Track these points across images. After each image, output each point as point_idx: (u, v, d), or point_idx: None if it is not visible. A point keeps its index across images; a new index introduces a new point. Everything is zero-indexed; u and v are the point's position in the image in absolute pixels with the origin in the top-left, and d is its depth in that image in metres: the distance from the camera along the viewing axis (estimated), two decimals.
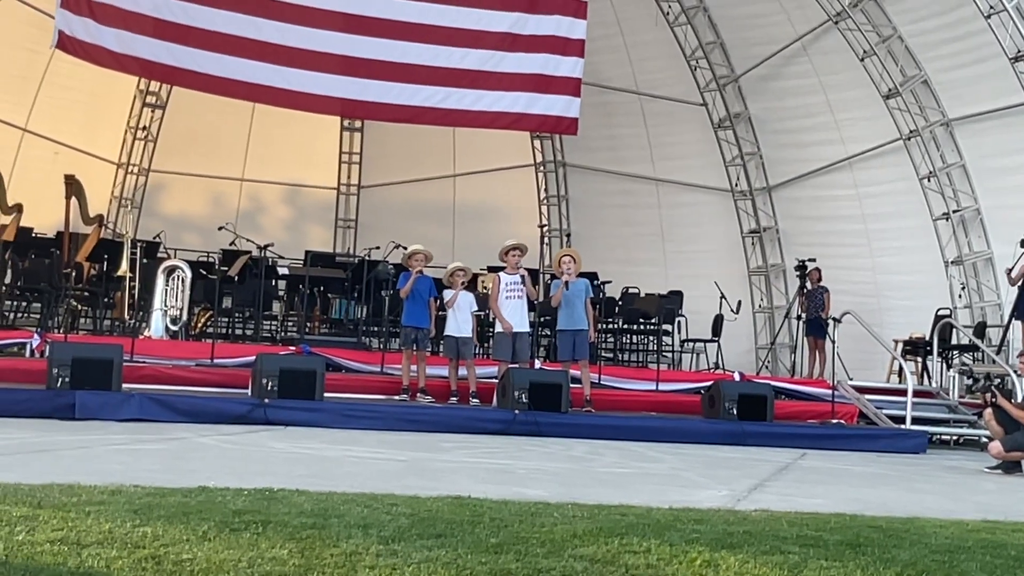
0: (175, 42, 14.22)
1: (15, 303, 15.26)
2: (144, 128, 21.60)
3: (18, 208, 15.27)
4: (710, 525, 5.01)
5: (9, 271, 14.33)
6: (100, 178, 20.49)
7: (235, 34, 14.54)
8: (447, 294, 12.32)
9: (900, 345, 15.79)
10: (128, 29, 13.87)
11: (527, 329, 12.29)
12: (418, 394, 11.89)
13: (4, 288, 14.13)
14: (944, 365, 15.55)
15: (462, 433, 10.36)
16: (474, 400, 11.93)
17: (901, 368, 14.68)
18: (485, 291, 15.33)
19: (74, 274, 14.70)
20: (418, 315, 12.04)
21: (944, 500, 7.48)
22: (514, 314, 12.02)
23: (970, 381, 15.24)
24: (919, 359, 15.98)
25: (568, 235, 21.88)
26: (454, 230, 22.09)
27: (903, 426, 13.04)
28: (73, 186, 15.28)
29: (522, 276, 12.10)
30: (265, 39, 14.68)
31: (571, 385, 11.67)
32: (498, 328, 12.28)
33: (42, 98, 19.17)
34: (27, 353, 11.85)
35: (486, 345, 15.84)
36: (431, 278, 12.47)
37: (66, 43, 13.48)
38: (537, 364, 13.19)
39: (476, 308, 12.49)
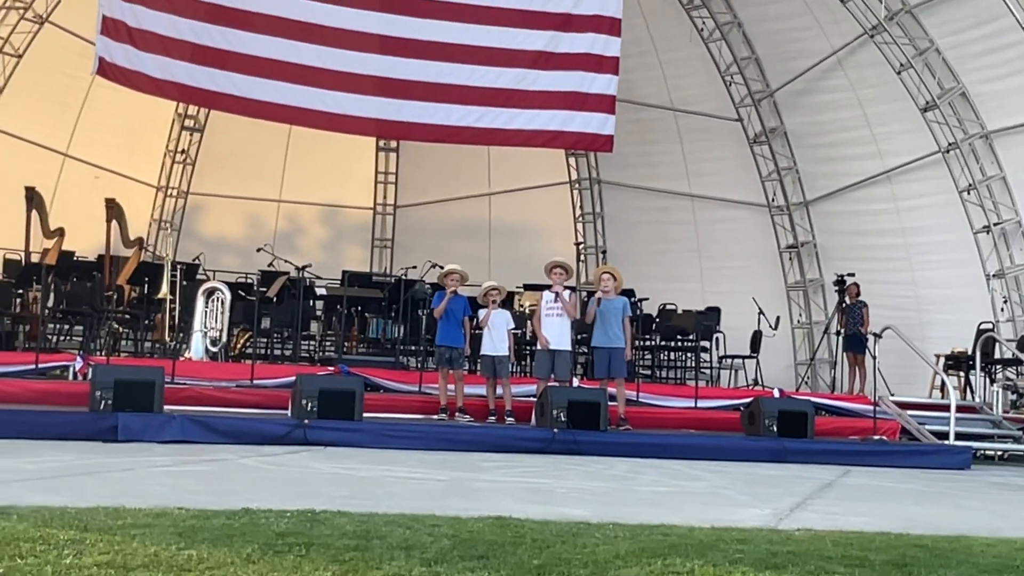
0: (213, 67, 14.37)
1: (58, 326, 15.44)
2: (183, 151, 21.85)
3: (60, 232, 15.49)
4: (753, 545, 4.97)
5: (52, 294, 14.51)
6: (140, 201, 20.75)
7: (273, 57, 14.67)
8: (482, 313, 12.33)
9: (942, 360, 15.62)
10: (167, 55, 14.04)
11: (566, 347, 12.21)
12: (456, 413, 11.91)
13: (47, 311, 14.30)
14: (987, 380, 15.37)
15: (501, 452, 10.34)
16: (509, 419, 11.92)
17: (943, 383, 14.52)
18: (522, 309, 15.35)
19: (115, 297, 14.87)
20: (452, 335, 12.06)
21: (991, 517, 7.38)
22: (552, 331, 12.01)
23: (1014, 396, 15.05)
24: (962, 374, 15.80)
25: (604, 252, 21.83)
26: (490, 248, 22.14)
27: (947, 442, 12.90)
28: (113, 210, 15.48)
29: (556, 294, 12.10)
30: (302, 62, 14.81)
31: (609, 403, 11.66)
32: (538, 345, 12.29)
33: (82, 123, 19.47)
34: (70, 376, 11.99)
35: (523, 364, 15.84)
36: (465, 297, 12.49)
37: (106, 69, 13.66)
38: (575, 382, 13.17)
39: (512, 326, 12.48)
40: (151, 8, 13.90)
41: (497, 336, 12.12)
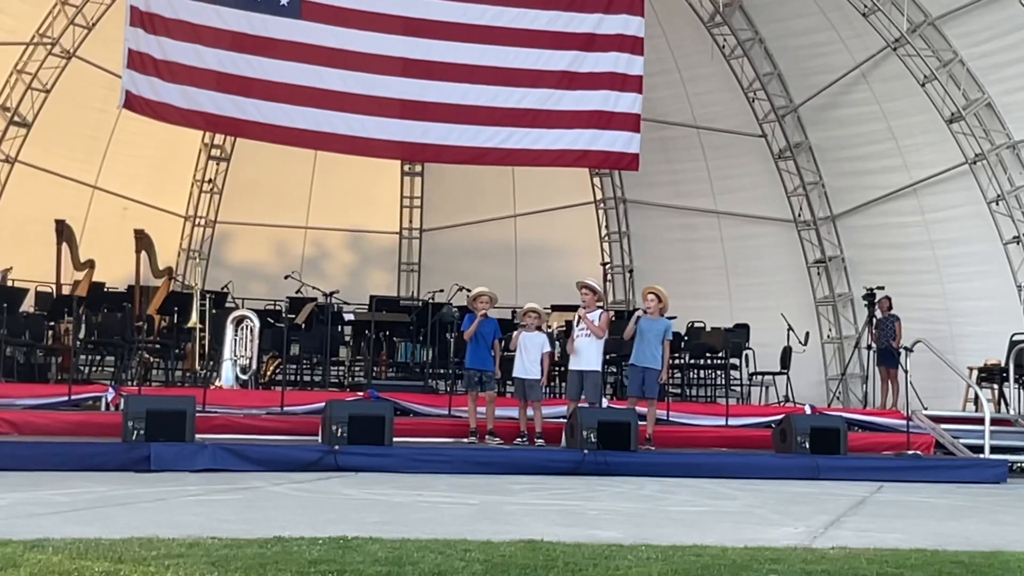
0: (239, 94, 14.44)
1: (89, 357, 15.55)
2: (210, 181, 22.03)
3: (90, 264, 15.62)
4: (787, 564, 4.94)
5: (83, 326, 14.62)
6: (168, 231, 20.92)
7: (297, 83, 14.73)
8: (514, 335, 12.31)
9: (975, 372, 15.48)
10: (193, 84, 14.14)
11: (595, 368, 12.17)
12: (487, 436, 11.89)
13: (79, 343, 14.41)
14: (1021, 391, 15.21)
15: (532, 474, 10.33)
16: (539, 441, 11.88)
17: (977, 396, 14.39)
18: (550, 330, 15.33)
19: (146, 327, 14.97)
20: (481, 358, 12.03)
21: None
22: (581, 352, 11.97)
23: None
24: (995, 386, 15.64)
25: (631, 272, 21.82)
26: (516, 270, 22.15)
27: (982, 455, 12.77)
28: (143, 240, 15.60)
29: (578, 316, 12.06)
30: (327, 87, 14.87)
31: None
32: (570, 366, 12.22)
33: (111, 156, 19.68)
34: (102, 407, 12.05)
35: (551, 385, 15.79)
36: (496, 320, 12.48)
37: (133, 102, 13.79)
38: (604, 402, 13.12)
39: (548, 349, 12.35)
40: (176, 39, 14.03)
41: (528, 358, 12.06)
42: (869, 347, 16.56)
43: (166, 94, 13.95)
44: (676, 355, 16.96)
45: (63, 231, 15.40)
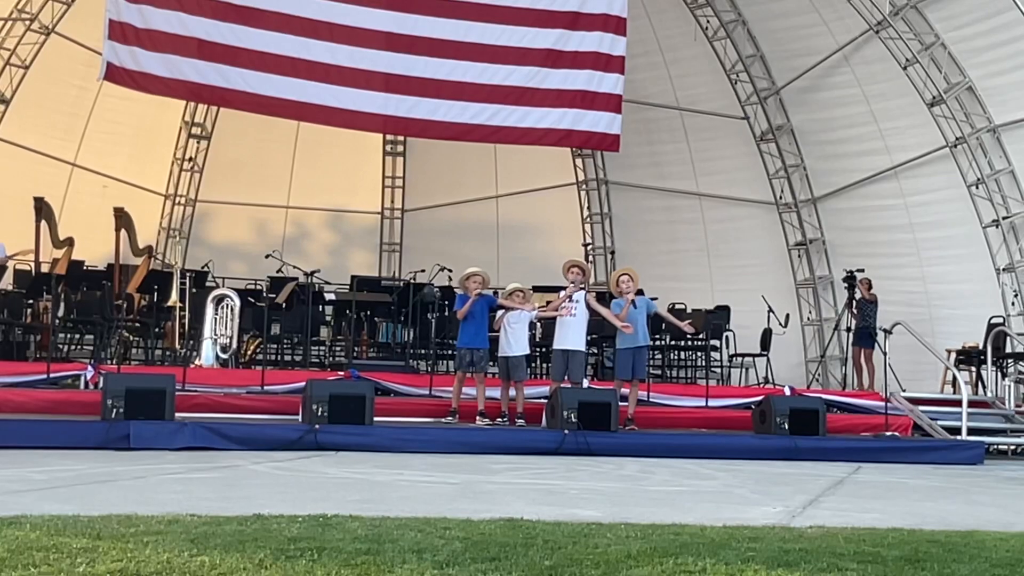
0: (224, 63, 14.22)
1: (68, 336, 15.47)
2: (190, 159, 21.86)
3: (69, 242, 15.50)
4: (765, 543, 4.97)
5: (62, 304, 14.54)
6: (148, 210, 20.77)
7: (284, 54, 14.49)
8: (499, 314, 12.27)
9: (953, 355, 15.58)
10: (176, 53, 13.86)
11: (581, 348, 12.18)
12: (477, 417, 11.81)
13: (58, 321, 14.33)
14: (999, 374, 15.33)
15: (512, 454, 10.35)
16: (520, 422, 11.88)
17: (955, 378, 14.49)
18: (533, 310, 15.33)
19: (125, 305, 14.89)
20: (473, 337, 11.99)
21: (1004, 512, 7.36)
22: (567, 332, 11.97)
23: None
24: (973, 369, 15.75)
25: (612, 253, 21.82)
26: (498, 250, 22.12)
27: (959, 437, 12.87)
28: (122, 219, 15.49)
29: (569, 294, 12.02)
30: (314, 58, 14.67)
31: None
32: (555, 346, 12.20)
33: (90, 133, 19.51)
34: (81, 385, 12.00)
35: (532, 365, 15.80)
36: (491, 295, 12.44)
37: (114, 73, 13.58)
38: (585, 383, 13.14)
39: (532, 318, 12.37)
40: (158, 7, 13.79)
41: (513, 337, 12.03)
42: (848, 329, 16.64)
43: (148, 64, 13.73)
44: (657, 336, 17.00)
45: (42, 208, 15.25)
